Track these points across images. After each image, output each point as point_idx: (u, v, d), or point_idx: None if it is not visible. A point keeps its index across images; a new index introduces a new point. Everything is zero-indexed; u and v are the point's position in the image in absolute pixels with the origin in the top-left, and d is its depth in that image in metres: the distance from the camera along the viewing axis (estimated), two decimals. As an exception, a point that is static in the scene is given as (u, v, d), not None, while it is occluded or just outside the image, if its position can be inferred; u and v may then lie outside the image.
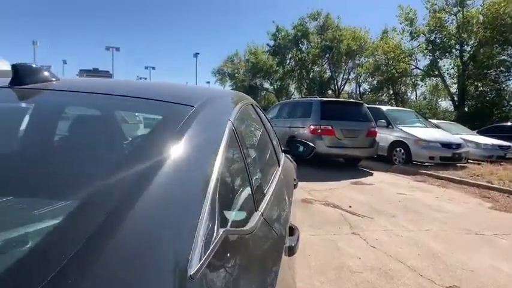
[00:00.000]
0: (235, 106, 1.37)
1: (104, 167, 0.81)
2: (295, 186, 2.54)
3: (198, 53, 40.62)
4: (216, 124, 1.02)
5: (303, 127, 8.54)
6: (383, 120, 9.55)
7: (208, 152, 0.86)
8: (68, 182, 0.72)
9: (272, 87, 39.39)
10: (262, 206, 1.12)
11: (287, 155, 3.11)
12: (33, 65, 1.13)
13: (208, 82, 49.77)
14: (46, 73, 1.14)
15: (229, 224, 0.81)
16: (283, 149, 3.08)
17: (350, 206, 5.04)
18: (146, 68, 45.31)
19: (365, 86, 32.01)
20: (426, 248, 3.56)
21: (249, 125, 1.90)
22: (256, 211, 1.03)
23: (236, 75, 42.97)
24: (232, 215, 0.87)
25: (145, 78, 44.60)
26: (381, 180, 7.35)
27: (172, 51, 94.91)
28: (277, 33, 34.10)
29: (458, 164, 9.08)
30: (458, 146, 9.16)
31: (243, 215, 0.93)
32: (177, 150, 0.77)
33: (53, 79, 1.16)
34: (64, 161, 0.86)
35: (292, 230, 1.38)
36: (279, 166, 2.18)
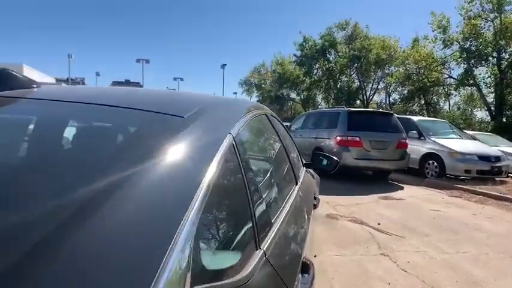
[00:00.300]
0: (241, 117, 1.21)
1: (65, 185, 0.67)
2: (315, 206, 2.33)
3: (225, 64, 41.11)
4: (209, 138, 0.86)
5: (329, 138, 8.27)
6: (414, 131, 9.09)
7: (190, 173, 0.70)
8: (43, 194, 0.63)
9: (299, 98, 39.15)
10: (267, 241, 0.91)
11: (309, 169, 2.92)
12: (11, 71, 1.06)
13: (235, 93, 50.30)
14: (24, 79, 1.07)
15: (209, 273, 0.61)
16: (304, 162, 2.89)
17: (379, 223, 4.73)
18: (175, 79, 46.31)
19: (395, 95, 31.03)
20: (465, 273, 3.22)
21: (259, 138, 1.73)
22: (257, 249, 0.82)
23: (263, 85, 43.16)
24: (217, 259, 0.67)
25: (174, 89, 45.62)
26: (412, 194, 6.93)
27: (200, 62, 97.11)
28: (304, 43, 33.91)
29: (498, 179, 8.45)
30: (498, 158, 8.53)
31: (236, 257, 0.72)
32: (147, 170, 0.62)
33: (34, 86, 1.07)
34: (38, 171, 0.75)
35: (306, 267, 1.17)
36: (297, 184, 2.00)
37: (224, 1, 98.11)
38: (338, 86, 33.47)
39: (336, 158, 2.80)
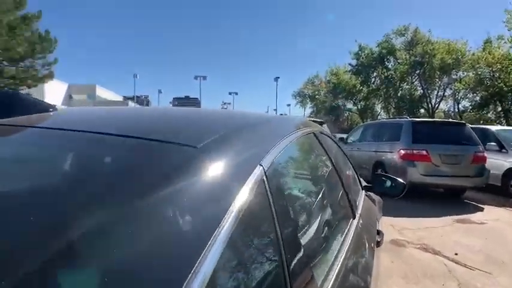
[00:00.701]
0: (279, 139, 0.99)
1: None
2: (379, 243, 1.86)
3: (279, 77, 41.37)
4: (229, 173, 0.69)
5: (391, 152, 7.51)
6: (493, 143, 7.94)
7: (200, 220, 0.57)
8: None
9: (356, 108, 37.78)
10: None
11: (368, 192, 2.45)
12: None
13: (288, 105, 50.39)
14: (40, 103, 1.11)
15: None
16: (364, 184, 2.44)
17: (456, 254, 4.00)
18: (230, 93, 47.63)
19: (465, 103, 28.30)
20: None
21: (304, 163, 1.42)
22: None
23: (317, 96, 42.59)
24: None
25: (229, 103, 46.86)
26: (496, 217, 5.92)
27: (255, 76, 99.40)
28: (360, 52, 32.86)
29: None
30: None
31: None
32: (145, 218, 0.54)
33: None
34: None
35: None
36: (354, 216, 1.59)
37: (277, 18, 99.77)
38: (399, 95, 31.65)
39: (401, 181, 2.29)
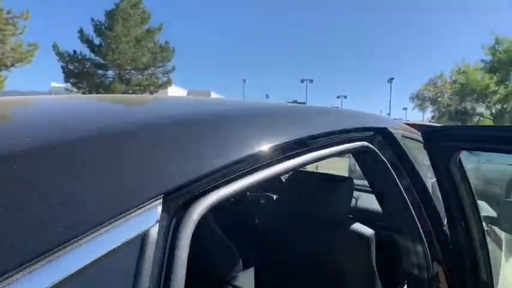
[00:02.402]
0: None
1: None
2: None
3: (393, 78, 37.88)
4: None
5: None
6: None
7: None
8: None
9: (489, 112, 32.11)
10: None
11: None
12: None
13: (405, 108, 46.05)
14: None
15: None
16: (483, 215, 1.60)
17: None
18: (338, 97, 45.92)
19: None
20: None
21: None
22: None
23: (439, 99, 37.77)
24: None
25: (337, 107, 45.28)
26: None
27: (365, 79, 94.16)
28: (496, 45, 27.76)
29: None
30: None
31: None
32: None
33: None
34: None
35: None
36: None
37: (385, 14, 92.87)
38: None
39: None
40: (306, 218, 1.28)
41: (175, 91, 28.20)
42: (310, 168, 2.18)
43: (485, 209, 1.77)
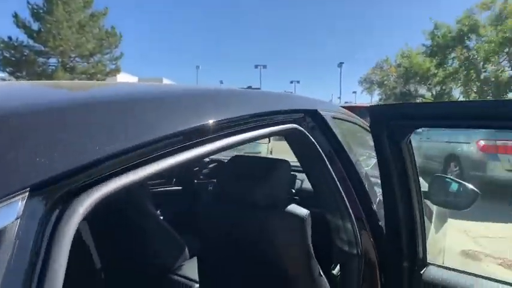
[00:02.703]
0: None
1: None
2: None
3: (343, 63, 39.23)
4: None
5: (468, 142, 6.38)
6: None
7: None
8: None
9: (430, 93, 34.37)
10: None
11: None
12: None
13: (354, 92, 47.86)
14: None
15: None
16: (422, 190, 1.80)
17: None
18: (291, 82, 46.55)
19: None
20: None
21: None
22: None
23: (385, 82, 39.70)
24: None
25: (291, 92, 45.99)
26: None
27: (317, 63, 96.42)
28: (435, 31, 29.56)
29: None
30: None
31: None
32: None
33: None
34: None
35: None
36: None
37: (338, 3, 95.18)
38: (482, 77, 27.95)
39: (473, 188, 1.61)
40: (244, 202, 1.29)
41: (125, 78, 26.88)
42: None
43: (423, 185, 1.98)
